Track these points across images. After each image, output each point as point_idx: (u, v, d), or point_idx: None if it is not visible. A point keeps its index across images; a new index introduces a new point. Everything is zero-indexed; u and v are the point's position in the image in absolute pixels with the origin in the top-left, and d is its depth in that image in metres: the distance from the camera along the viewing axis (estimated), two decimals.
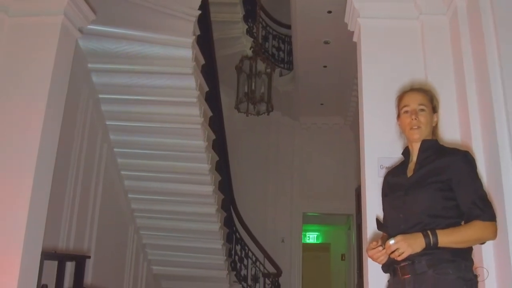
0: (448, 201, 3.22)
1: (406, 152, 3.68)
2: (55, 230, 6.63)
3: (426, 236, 3.04)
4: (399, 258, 3.07)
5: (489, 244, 3.72)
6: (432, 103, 3.58)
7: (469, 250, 3.23)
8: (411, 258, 3.10)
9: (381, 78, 4.76)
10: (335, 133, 15.47)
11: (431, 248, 3.05)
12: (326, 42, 11.45)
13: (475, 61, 4.28)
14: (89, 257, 6.80)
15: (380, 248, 3.16)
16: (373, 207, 4.04)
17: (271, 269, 12.05)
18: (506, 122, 3.69)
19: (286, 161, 15.30)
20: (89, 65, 7.48)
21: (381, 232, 3.65)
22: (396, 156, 3.94)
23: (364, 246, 4.49)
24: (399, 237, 3.05)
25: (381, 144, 4.44)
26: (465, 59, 4.38)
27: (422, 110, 3.48)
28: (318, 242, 19.89)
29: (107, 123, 8.23)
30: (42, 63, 4.96)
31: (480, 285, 3.77)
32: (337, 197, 14.74)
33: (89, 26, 5.74)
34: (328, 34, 11.03)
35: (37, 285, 4.86)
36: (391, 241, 3.05)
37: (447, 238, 3.06)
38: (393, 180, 3.64)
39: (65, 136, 5.62)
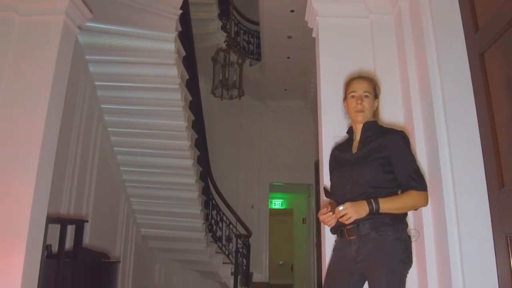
0: (388, 174, 3.30)
1: (350, 131, 3.72)
2: (58, 198, 6.67)
3: (369, 203, 3.14)
4: (347, 222, 3.16)
5: (428, 210, 3.82)
6: (375, 91, 3.63)
7: (405, 215, 3.33)
8: (356, 222, 3.19)
9: (336, 68, 4.78)
10: (297, 115, 15.54)
11: (374, 214, 3.14)
12: (289, 37, 11.51)
13: (416, 55, 4.33)
14: (87, 221, 6.81)
15: (330, 213, 3.24)
16: (329, 178, 4.09)
17: (243, 231, 12.07)
18: (442, 106, 3.75)
19: (255, 139, 15.35)
20: (87, 57, 7.51)
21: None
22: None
23: None
24: (347, 204, 3.14)
25: (336, 125, 4.48)
26: (408, 53, 4.43)
27: (366, 96, 3.54)
28: (282, 208, 19.92)
29: (102, 106, 8.26)
30: (47, 55, 4.97)
31: (417, 243, 3.89)
32: (299, 169, 14.83)
33: (86, 24, 5.74)
34: (291, 30, 11.09)
35: (43, 245, 4.89)
36: (341, 207, 3.14)
37: (387, 205, 3.16)
38: (340, 156, 3.69)
39: (66, 118, 5.63)
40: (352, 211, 3.12)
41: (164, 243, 11.11)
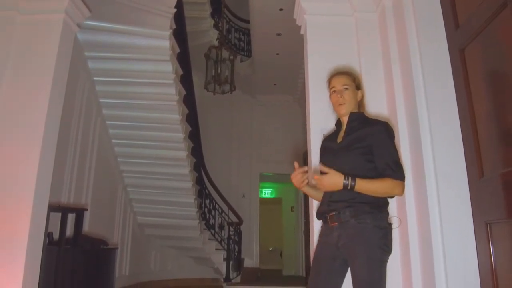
0: (369, 163, 3.28)
1: (338, 122, 3.71)
2: (58, 187, 6.68)
3: (346, 179, 3.13)
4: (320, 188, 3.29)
5: (411, 199, 3.85)
6: (354, 82, 3.61)
7: (385, 204, 3.30)
8: (338, 210, 3.22)
9: (323, 64, 4.75)
10: (286, 108, 15.59)
11: (349, 190, 3.16)
12: (278, 34, 11.52)
13: (399, 50, 4.33)
14: (87, 209, 6.82)
15: (304, 171, 3.37)
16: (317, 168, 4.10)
17: (234, 219, 12.11)
18: (424, 99, 3.76)
19: (246, 131, 15.37)
20: (86, 54, 7.52)
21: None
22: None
23: (310, 201, 4.57)
24: (324, 176, 3.20)
25: (323, 118, 4.46)
26: (391, 48, 4.44)
27: (346, 89, 3.52)
28: (272, 197, 19.91)
29: (100, 100, 8.28)
30: (48, 52, 4.95)
31: (401, 231, 3.90)
32: (287, 160, 14.75)
33: (85, 22, 5.72)
34: (280, 28, 11.09)
35: (45, 233, 4.88)
36: (315, 177, 3.23)
37: (363, 185, 3.14)
38: (327, 145, 3.69)
39: (66, 112, 5.62)
40: (325, 183, 3.20)
41: (160, 230, 11.12)
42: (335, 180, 3.16)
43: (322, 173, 3.32)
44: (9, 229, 4.44)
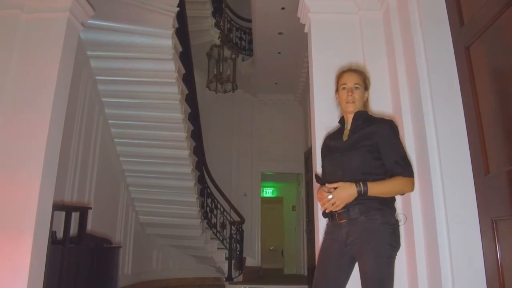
0: (376, 160, 3.29)
1: (342, 120, 3.71)
2: (61, 186, 6.70)
3: (358, 185, 3.14)
4: (337, 209, 3.20)
5: (417, 196, 3.87)
6: (365, 83, 3.62)
7: (393, 200, 3.31)
8: (346, 207, 3.20)
9: (328, 62, 4.78)
10: (287, 107, 15.59)
11: (363, 197, 3.15)
12: (280, 33, 11.51)
13: (403, 48, 4.35)
14: (91, 208, 6.83)
15: (330, 196, 3.24)
16: (321, 165, 4.10)
17: (236, 218, 12.11)
18: (429, 97, 3.77)
19: (247, 130, 15.39)
20: (88, 53, 7.56)
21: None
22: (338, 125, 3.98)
23: (313, 200, 4.58)
24: (335, 192, 3.18)
25: (328, 116, 4.48)
26: (396, 46, 4.45)
27: (357, 88, 3.52)
28: (273, 196, 19.88)
29: (102, 99, 8.31)
30: (52, 51, 4.98)
31: (406, 228, 3.91)
32: (289, 159, 14.85)
33: (89, 21, 5.73)
34: (282, 27, 11.10)
35: (49, 231, 4.89)
36: (330, 196, 3.17)
37: (376, 189, 3.15)
38: (331, 143, 3.67)
39: (69, 111, 5.61)
40: (339, 200, 3.16)
41: (162, 229, 11.15)
42: (347, 190, 3.16)
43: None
44: (15, 228, 4.47)
